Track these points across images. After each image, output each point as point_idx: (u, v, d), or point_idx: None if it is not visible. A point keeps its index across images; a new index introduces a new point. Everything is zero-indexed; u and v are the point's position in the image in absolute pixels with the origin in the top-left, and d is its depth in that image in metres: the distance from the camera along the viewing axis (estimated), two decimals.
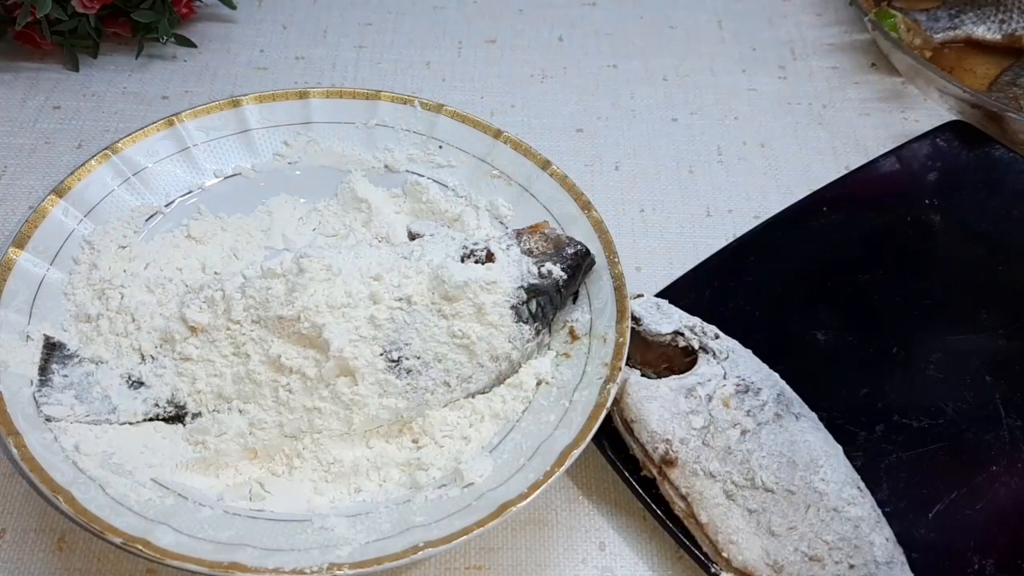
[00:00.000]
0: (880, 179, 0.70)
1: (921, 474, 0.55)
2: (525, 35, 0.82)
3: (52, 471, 0.47)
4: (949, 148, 0.71)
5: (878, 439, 0.56)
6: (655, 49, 0.81)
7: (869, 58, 0.81)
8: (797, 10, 0.85)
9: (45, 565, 0.52)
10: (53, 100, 0.73)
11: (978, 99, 0.71)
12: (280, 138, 0.64)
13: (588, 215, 0.59)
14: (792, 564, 0.48)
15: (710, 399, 0.52)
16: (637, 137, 0.74)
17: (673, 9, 0.85)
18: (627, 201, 0.70)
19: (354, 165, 0.64)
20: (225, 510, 0.49)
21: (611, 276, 0.56)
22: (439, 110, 0.64)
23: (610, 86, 0.78)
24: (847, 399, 0.58)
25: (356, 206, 0.62)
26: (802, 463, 0.51)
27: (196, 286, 0.55)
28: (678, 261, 0.66)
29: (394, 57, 0.79)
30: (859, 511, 0.50)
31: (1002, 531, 0.53)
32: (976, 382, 0.59)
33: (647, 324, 0.56)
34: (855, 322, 0.62)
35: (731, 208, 0.70)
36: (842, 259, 0.65)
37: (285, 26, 0.81)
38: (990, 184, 0.69)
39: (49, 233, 0.56)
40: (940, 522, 0.53)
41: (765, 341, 0.57)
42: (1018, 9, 0.77)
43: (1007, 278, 0.65)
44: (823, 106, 0.77)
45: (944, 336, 0.61)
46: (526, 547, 0.54)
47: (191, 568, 0.44)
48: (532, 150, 0.62)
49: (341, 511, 0.49)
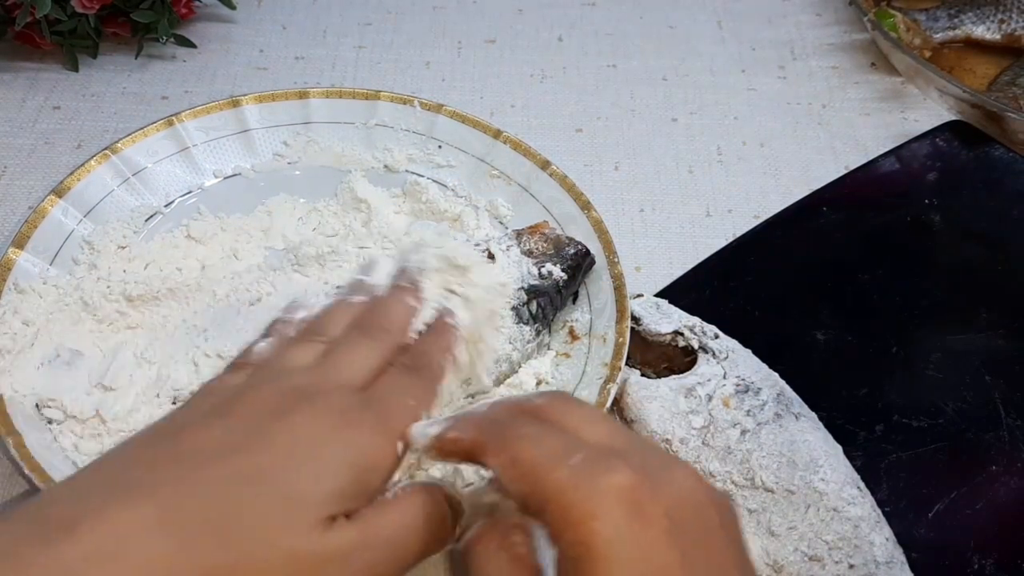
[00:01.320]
0: (880, 179, 0.70)
1: (921, 474, 0.55)
2: (525, 35, 0.82)
3: (52, 471, 0.47)
4: (949, 148, 0.71)
5: (878, 439, 0.56)
6: (655, 49, 0.81)
7: (869, 58, 0.81)
8: (797, 10, 0.85)
9: None
10: (53, 100, 0.73)
11: (978, 99, 0.71)
12: (280, 138, 0.64)
13: (588, 215, 0.59)
14: (792, 564, 0.48)
15: (710, 399, 0.52)
16: (637, 137, 0.74)
17: (673, 9, 0.85)
18: (627, 201, 0.70)
19: (354, 165, 0.64)
20: None
21: (611, 276, 0.56)
22: (439, 110, 0.64)
23: (610, 86, 0.78)
24: (847, 399, 0.58)
25: (356, 206, 0.62)
26: (802, 463, 0.51)
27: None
28: (678, 261, 0.66)
29: (394, 57, 0.79)
30: (859, 511, 0.50)
31: (1002, 531, 0.53)
32: (976, 382, 0.59)
33: (647, 324, 0.56)
34: (855, 322, 0.62)
35: (731, 208, 0.70)
36: (842, 259, 0.65)
37: (285, 26, 0.81)
38: (990, 184, 0.69)
39: (49, 233, 0.56)
40: (940, 522, 0.53)
41: (765, 341, 0.57)
42: (1018, 9, 0.77)
43: (1007, 278, 0.65)
44: (823, 106, 0.77)
45: (944, 336, 0.61)
46: None
47: None
48: (532, 150, 0.62)
49: None
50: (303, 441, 0.35)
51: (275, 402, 0.36)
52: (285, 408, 0.36)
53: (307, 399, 0.37)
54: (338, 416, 0.36)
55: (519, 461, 0.33)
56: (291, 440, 0.35)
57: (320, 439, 0.35)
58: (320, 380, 0.38)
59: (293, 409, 0.36)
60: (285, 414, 0.36)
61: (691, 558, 0.30)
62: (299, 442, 0.35)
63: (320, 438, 0.35)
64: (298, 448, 0.35)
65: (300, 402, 0.36)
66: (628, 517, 0.30)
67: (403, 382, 0.40)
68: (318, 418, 0.36)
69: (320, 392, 0.37)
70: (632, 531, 0.30)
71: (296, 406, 0.36)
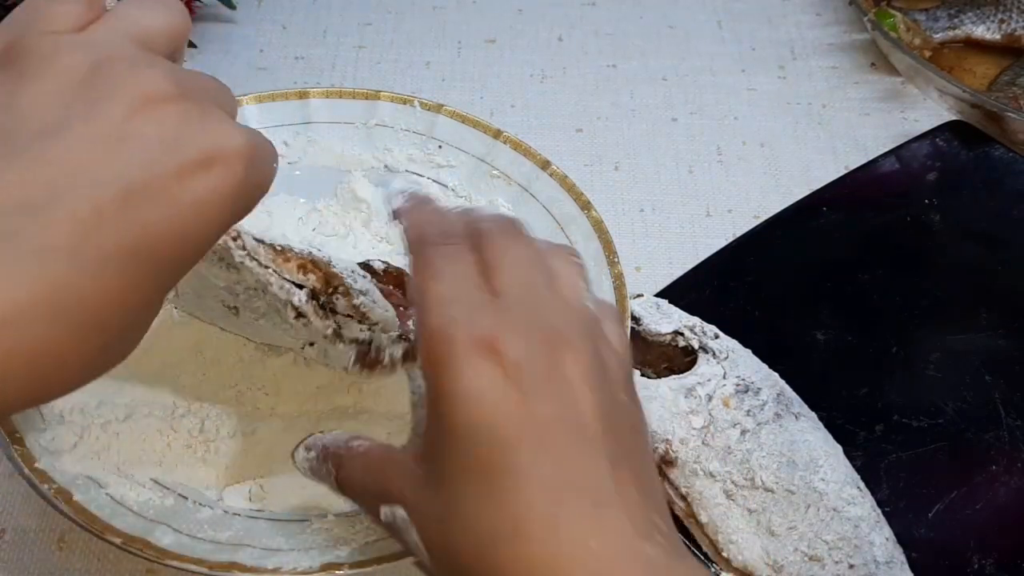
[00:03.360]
0: (880, 179, 0.70)
1: (921, 474, 0.55)
2: (525, 35, 0.82)
3: (52, 471, 0.47)
4: (949, 148, 0.71)
5: (878, 439, 0.56)
6: (655, 49, 0.81)
7: (869, 58, 0.81)
8: (797, 10, 0.85)
9: (45, 565, 0.52)
10: None
11: (978, 99, 0.71)
12: (280, 138, 0.64)
13: (588, 215, 0.59)
14: (792, 564, 0.48)
15: (710, 399, 0.52)
16: (637, 137, 0.74)
17: (673, 9, 0.84)
18: (627, 201, 0.70)
19: (354, 165, 0.64)
20: (225, 510, 0.49)
21: (611, 276, 0.56)
22: (439, 110, 0.64)
23: (610, 86, 0.78)
24: (847, 399, 0.58)
25: (356, 206, 0.62)
26: (802, 463, 0.51)
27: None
28: (678, 261, 0.66)
29: (394, 57, 0.79)
30: (859, 511, 0.50)
31: (1002, 531, 0.53)
32: (976, 382, 0.59)
33: (647, 324, 0.56)
34: (855, 322, 0.62)
35: (731, 208, 0.70)
36: (842, 259, 0.65)
37: (285, 26, 0.81)
38: (990, 184, 0.69)
39: None
40: (940, 522, 0.53)
41: (765, 341, 0.57)
42: (1018, 9, 0.77)
43: (1007, 278, 0.65)
44: (823, 106, 0.77)
45: (944, 336, 0.61)
46: None
47: (191, 568, 0.44)
48: (532, 150, 0.62)
49: (341, 511, 0.49)
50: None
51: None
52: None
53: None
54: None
55: (420, 292, 0.36)
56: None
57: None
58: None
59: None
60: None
61: (537, 393, 0.33)
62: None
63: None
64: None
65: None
66: (479, 359, 0.33)
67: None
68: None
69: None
70: (480, 372, 0.33)
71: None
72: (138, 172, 0.29)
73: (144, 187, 0.29)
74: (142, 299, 0.30)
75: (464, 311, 0.34)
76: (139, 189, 0.28)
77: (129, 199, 0.28)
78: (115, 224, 0.28)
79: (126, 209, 0.28)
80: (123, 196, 0.28)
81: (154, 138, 0.29)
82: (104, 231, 0.28)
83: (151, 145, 0.29)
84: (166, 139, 0.29)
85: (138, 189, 0.28)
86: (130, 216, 0.28)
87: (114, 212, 0.28)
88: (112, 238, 0.28)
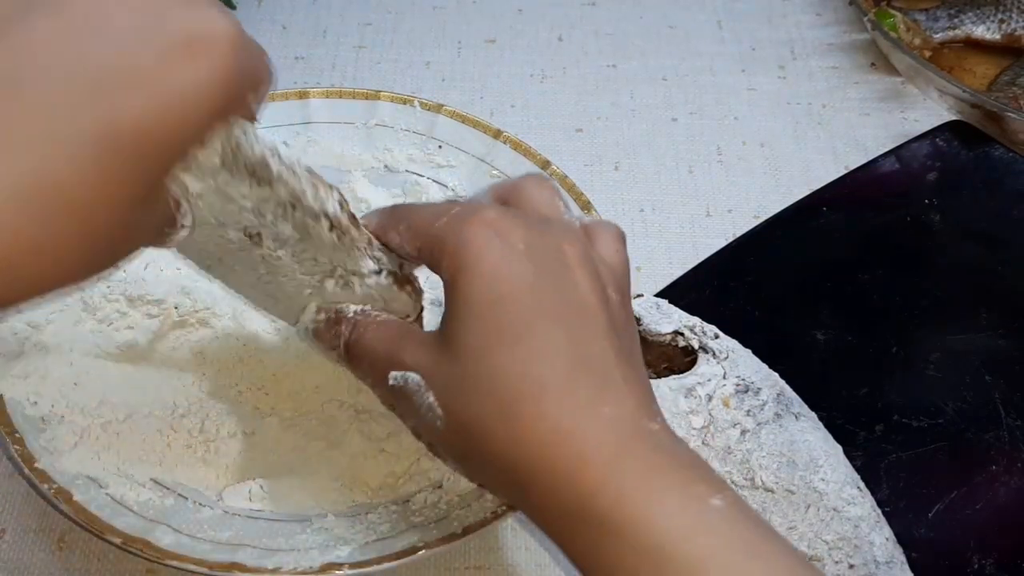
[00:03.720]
0: (880, 179, 0.70)
1: (921, 474, 0.55)
2: (525, 35, 0.82)
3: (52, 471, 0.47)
4: (949, 148, 0.71)
5: (878, 439, 0.56)
6: (655, 49, 0.81)
7: (869, 58, 0.81)
8: (797, 10, 0.85)
9: (45, 565, 0.52)
10: None
11: (978, 99, 0.71)
12: (280, 138, 0.64)
13: (588, 215, 0.59)
14: None
15: (710, 399, 0.52)
16: (637, 137, 0.74)
17: (673, 9, 0.85)
18: (627, 201, 0.70)
19: (354, 165, 0.64)
20: (225, 510, 0.49)
21: None
22: (439, 110, 0.64)
23: (610, 86, 0.78)
24: (847, 399, 0.58)
25: (356, 206, 0.62)
26: (802, 463, 0.51)
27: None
28: (678, 261, 0.66)
29: (394, 57, 0.79)
30: (859, 511, 0.50)
31: (1002, 531, 0.53)
32: (976, 382, 0.59)
33: (647, 324, 0.56)
34: (855, 322, 0.62)
35: (731, 208, 0.70)
36: (842, 259, 0.65)
37: (285, 26, 0.81)
38: (990, 184, 0.70)
39: None
40: (940, 522, 0.53)
41: (765, 341, 0.57)
42: (1018, 9, 0.77)
43: (1007, 278, 0.65)
44: (823, 106, 0.77)
45: (944, 336, 0.61)
46: (526, 547, 0.54)
47: (191, 568, 0.44)
48: (532, 150, 0.62)
49: (340, 511, 0.49)
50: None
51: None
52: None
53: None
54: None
55: (412, 225, 0.39)
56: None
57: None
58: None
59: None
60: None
61: (544, 273, 0.36)
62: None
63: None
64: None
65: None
66: (490, 237, 0.36)
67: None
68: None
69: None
70: (493, 247, 0.36)
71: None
72: (113, 57, 0.28)
73: (120, 72, 0.27)
74: (127, 192, 0.29)
75: (473, 207, 0.38)
76: (114, 75, 0.27)
77: (103, 84, 0.27)
78: (90, 110, 0.27)
79: (100, 94, 0.27)
80: (96, 81, 0.27)
81: (128, 23, 0.28)
82: (78, 116, 0.27)
83: (126, 30, 0.28)
84: (144, 23, 0.28)
85: (113, 75, 0.27)
86: (106, 102, 0.27)
87: (88, 97, 0.27)
88: (87, 124, 0.27)
